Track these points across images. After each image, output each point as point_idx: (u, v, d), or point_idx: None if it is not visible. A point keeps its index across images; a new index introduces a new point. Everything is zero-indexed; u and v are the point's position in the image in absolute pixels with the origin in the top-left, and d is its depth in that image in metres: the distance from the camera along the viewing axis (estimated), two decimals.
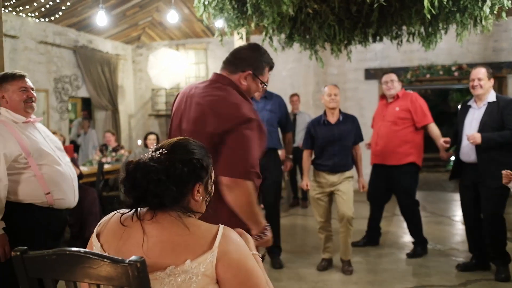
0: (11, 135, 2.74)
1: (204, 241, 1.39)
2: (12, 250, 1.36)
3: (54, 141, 3.02)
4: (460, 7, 3.92)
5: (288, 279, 4.44)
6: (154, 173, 1.40)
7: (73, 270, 1.30)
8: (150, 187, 1.40)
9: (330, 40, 4.83)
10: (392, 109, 5.13)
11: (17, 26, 8.03)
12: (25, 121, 2.88)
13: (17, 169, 2.75)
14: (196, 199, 1.49)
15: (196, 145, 1.54)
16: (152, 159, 1.44)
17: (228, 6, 4.26)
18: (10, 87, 2.87)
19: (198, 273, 1.35)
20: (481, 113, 4.28)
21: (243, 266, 1.41)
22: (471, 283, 4.21)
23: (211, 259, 1.36)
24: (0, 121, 2.80)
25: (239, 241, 1.46)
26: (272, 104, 4.89)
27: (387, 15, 4.48)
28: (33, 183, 2.78)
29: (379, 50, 9.34)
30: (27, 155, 2.74)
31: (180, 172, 1.43)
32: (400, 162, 5.05)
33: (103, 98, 9.90)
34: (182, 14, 9.33)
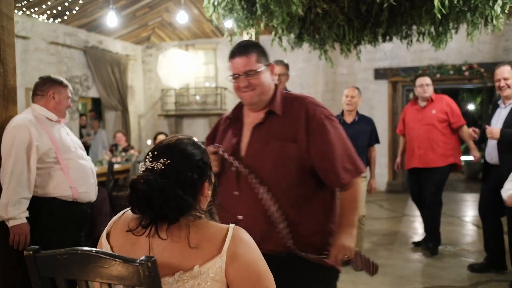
0: (44, 131, 2.91)
1: (213, 245, 1.36)
2: (25, 249, 1.37)
3: (75, 140, 3.19)
4: (470, 7, 3.90)
5: None
6: (169, 189, 1.36)
7: (84, 270, 1.30)
8: (170, 204, 1.35)
9: (339, 40, 4.82)
10: (429, 113, 5.11)
11: (28, 27, 8.09)
12: (57, 120, 3.06)
13: (46, 163, 2.88)
14: (206, 195, 1.48)
15: (190, 143, 1.49)
16: (160, 174, 1.38)
17: (238, 6, 4.27)
18: (63, 92, 3.11)
19: (207, 279, 1.33)
20: (506, 112, 4.15)
21: (254, 269, 1.38)
22: (482, 284, 4.18)
23: (220, 263, 1.33)
24: (34, 117, 2.95)
25: (250, 242, 1.41)
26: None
27: (397, 14, 4.46)
28: (60, 177, 2.92)
29: (389, 50, 9.30)
30: (57, 150, 2.91)
31: (191, 179, 1.40)
32: (442, 164, 5.06)
33: (113, 99, 9.95)
34: (191, 15, 9.35)
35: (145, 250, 1.37)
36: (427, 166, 5.08)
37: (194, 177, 1.41)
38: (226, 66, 2.17)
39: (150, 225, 1.38)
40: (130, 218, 1.46)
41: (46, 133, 2.91)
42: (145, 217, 1.39)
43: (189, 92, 10.97)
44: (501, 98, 4.30)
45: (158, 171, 1.38)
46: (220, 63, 10.81)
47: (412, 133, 5.24)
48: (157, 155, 1.42)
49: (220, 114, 10.54)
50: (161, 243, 1.37)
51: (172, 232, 1.38)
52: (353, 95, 4.60)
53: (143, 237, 1.39)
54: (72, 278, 1.35)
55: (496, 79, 4.20)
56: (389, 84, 9.56)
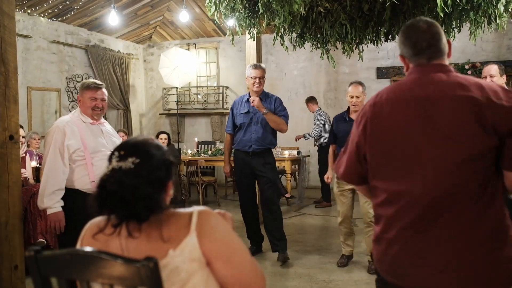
0: (77, 131, 3.30)
1: (181, 228, 1.39)
2: (26, 250, 1.37)
3: (113, 142, 3.46)
4: (474, 5, 3.88)
5: (298, 277, 4.43)
6: (141, 188, 1.38)
7: (86, 270, 1.30)
8: (142, 203, 1.37)
9: (341, 39, 4.80)
10: None
11: (29, 26, 8.09)
12: (91, 122, 3.42)
13: (74, 160, 3.26)
14: (169, 194, 1.50)
15: (155, 143, 1.49)
16: (130, 173, 1.39)
17: (240, 5, 4.26)
18: (85, 94, 3.41)
19: (184, 260, 1.36)
20: None
21: (226, 240, 1.43)
22: None
23: (192, 241, 1.37)
24: (71, 117, 3.39)
25: (217, 217, 1.46)
26: (268, 103, 4.90)
27: (399, 13, 4.44)
28: (83, 172, 3.27)
29: (391, 49, 9.29)
30: (85, 149, 3.27)
31: (160, 178, 1.43)
32: None
33: (114, 97, 9.95)
34: (193, 13, 9.35)
35: (118, 252, 1.39)
36: None
37: (162, 175, 1.44)
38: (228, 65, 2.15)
39: (120, 224, 1.39)
40: (98, 221, 1.48)
41: (79, 133, 3.29)
42: (115, 217, 1.40)
43: (190, 91, 10.97)
44: None
45: (127, 170, 1.39)
46: (222, 62, 10.80)
47: None
48: (124, 154, 1.42)
49: (222, 113, 10.58)
50: (134, 242, 1.39)
51: (143, 229, 1.40)
52: (358, 95, 4.45)
53: (113, 239, 1.41)
54: (73, 278, 1.35)
55: (483, 75, 4.23)
56: (391, 83, 9.54)
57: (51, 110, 8.68)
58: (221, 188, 9.23)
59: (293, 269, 4.70)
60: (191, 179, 8.08)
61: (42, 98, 8.44)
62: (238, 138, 5.00)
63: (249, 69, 4.93)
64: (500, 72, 4.18)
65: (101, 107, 3.43)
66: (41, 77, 8.39)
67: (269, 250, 5.10)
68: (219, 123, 10.70)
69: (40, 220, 4.57)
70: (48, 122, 8.51)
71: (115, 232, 1.39)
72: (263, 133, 4.89)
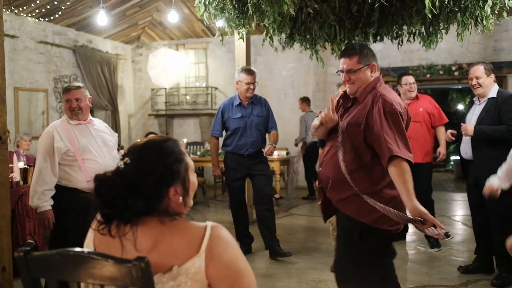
0: (65, 134, 3.48)
1: (190, 245, 1.34)
2: (15, 251, 1.36)
3: (104, 139, 3.67)
4: (461, 7, 3.92)
5: (288, 278, 4.44)
6: (118, 189, 1.34)
7: (76, 271, 1.29)
8: (117, 203, 1.33)
9: (330, 40, 4.81)
10: (416, 110, 5.18)
11: (16, 26, 8.02)
12: (77, 123, 3.59)
13: (67, 160, 3.46)
14: (175, 200, 1.40)
15: (160, 147, 1.43)
16: (117, 172, 1.37)
17: (229, 6, 4.25)
18: (63, 98, 3.64)
19: (187, 280, 1.32)
20: (480, 109, 4.24)
21: (234, 267, 1.37)
22: (472, 283, 4.21)
23: (199, 263, 1.32)
24: (61, 121, 3.60)
25: (228, 239, 1.39)
26: (260, 107, 5.07)
27: (387, 14, 4.47)
28: (78, 173, 3.47)
29: (379, 50, 9.32)
30: (75, 151, 3.46)
31: (145, 184, 1.35)
32: (423, 160, 5.15)
33: (102, 98, 9.89)
34: (182, 14, 9.32)
35: (117, 252, 1.36)
36: (417, 161, 5.11)
37: (149, 181, 1.36)
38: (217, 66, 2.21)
39: (106, 222, 1.38)
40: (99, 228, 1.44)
41: (68, 136, 3.48)
42: (101, 214, 1.40)
43: (179, 92, 10.94)
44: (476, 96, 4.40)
45: (118, 170, 1.38)
46: (211, 62, 10.79)
47: None
48: (125, 154, 1.42)
49: (211, 114, 10.55)
50: (138, 247, 1.35)
51: (146, 234, 1.36)
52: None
53: (116, 244, 1.37)
54: (63, 279, 1.34)
55: (469, 77, 4.29)
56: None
57: (38, 111, 8.60)
58: (210, 188, 9.21)
59: (283, 269, 4.70)
60: None
61: (29, 98, 8.37)
62: (232, 143, 5.06)
63: (241, 73, 4.98)
64: (486, 73, 4.19)
65: (77, 106, 3.57)
66: (29, 78, 8.32)
67: (258, 251, 5.10)
68: (208, 123, 10.68)
69: (29, 221, 4.54)
70: (36, 123, 8.44)
71: (104, 230, 1.37)
72: (257, 136, 5.05)
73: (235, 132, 5.04)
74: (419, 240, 5.62)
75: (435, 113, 5.27)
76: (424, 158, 5.18)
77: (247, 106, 5.06)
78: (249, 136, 5.00)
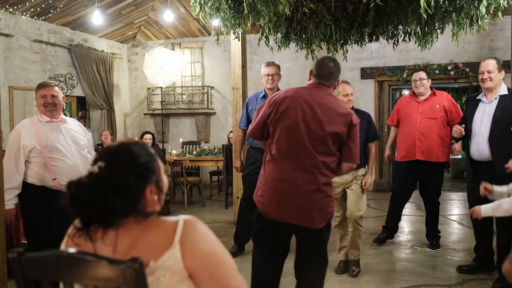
0: (33, 131, 3.48)
1: (164, 238, 1.36)
2: (9, 252, 1.35)
3: (74, 138, 3.68)
4: (456, 7, 3.92)
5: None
6: (97, 192, 1.35)
7: (70, 272, 1.29)
8: (98, 206, 1.34)
9: (326, 40, 4.81)
10: (433, 106, 5.15)
11: (11, 25, 7.99)
12: (49, 120, 3.59)
13: (33, 158, 3.47)
14: (150, 199, 1.43)
15: (138, 147, 1.46)
16: (92, 177, 1.38)
17: (225, 5, 4.25)
18: (37, 94, 3.65)
19: (165, 273, 1.33)
20: (492, 107, 4.09)
21: (211, 254, 1.38)
22: (468, 282, 4.22)
23: (175, 254, 1.34)
24: (30, 119, 3.59)
25: (204, 229, 1.41)
26: None
27: (383, 14, 4.47)
28: (43, 170, 3.47)
29: (375, 49, 9.36)
30: (41, 148, 3.46)
31: (126, 183, 1.38)
32: (443, 159, 5.12)
33: (98, 97, 9.87)
34: (178, 13, 9.31)
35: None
36: (431, 159, 5.09)
37: (128, 181, 1.38)
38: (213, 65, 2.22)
39: (84, 228, 1.38)
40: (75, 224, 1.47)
41: (35, 134, 3.47)
42: (79, 221, 1.40)
43: (175, 91, 10.92)
44: (481, 93, 4.27)
45: (93, 174, 1.39)
46: (207, 62, 10.78)
47: (412, 125, 5.20)
48: (97, 159, 1.42)
49: (207, 113, 10.55)
50: (113, 248, 1.38)
51: (121, 235, 1.38)
52: (352, 92, 4.50)
53: (88, 243, 1.38)
54: (57, 280, 1.34)
55: (480, 71, 4.18)
56: (376, 84, 9.61)
57: (33, 110, 8.56)
58: (206, 188, 9.21)
59: None
60: (175, 179, 8.05)
61: (24, 98, 8.34)
62: None
63: (262, 66, 5.16)
64: (498, 68, 4.10)
65: (52, 103, 3.60)
66: (23, 77, 8.29)
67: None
68: (204, 123, 10.67)
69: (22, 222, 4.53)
70: None
71: (81, 236, 1.38)
72: None
73: None
74: (414, 240, 5.64)
75: (452, 111, 5.13)
76: (438, 157, 5.10)
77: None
78: None
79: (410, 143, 5.17)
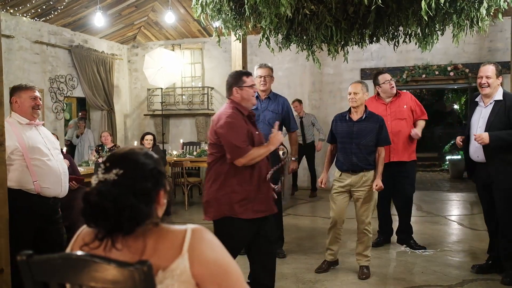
0: (13, 133, 3.40)
1: (173, 247, 1.37)
2: (18, 255, 1.36)
3: (52, 142, 3.68)
4: (456, 9, 3.94)
5: (285, 278, 4.45)
6: (123, 199, 1.35)
7: (79, 274, 1.30)
8: (125, 214, 1.35)
9: (327, 41, 4.82)
10: (400, 107, 5.22)
11: (12, 26, 8.00)
12: (28, 123, 3.55)
13: (13, 160, 3.38)
14: (162, 204, 1.46)
15: (143, 153, 1.48)
16: (113, 184, 1.38)
17: (226, 7, 4.26)
18: (23, 95, 3.57)
19: (173, 283, 1.34)
20: (488, 111, 4.18)
21: (219, 263, 1.38)
22: (468, 283, 4.24)
23: (183, 264, 1.35)
24: (8, 122, 3.41)
25: (211, 238, 1.42)
26: (276, 104, 5.10)
27: (384, 16, 4.48)
28: (24, 172, 3.41)
29: (375, 50, 9.37)
30: (23, 150, 3.40)
31: (146, 188, 1.40)
32: (410, 158, 5.22)
33: (98, 98, 9.88)
34: (178, 14, 9.32)
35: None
36: (403, 160, 5.18)
37: (148, 186, 1.41)
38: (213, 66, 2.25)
39: (105, 237, 1.37)
40: (85, 232, 1.47)
41: (16, 135, 3.41)
42: (100, 230, 1.38)
43: (175, 91, 10.93)
44: (479, 96, 4.32)
45: (111, 182, 1.38)
46: (207, 62, 10.79)
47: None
48: (109, 166, 1.41)
49: (207, 114, 10.56)
50: (119, 256, 1.37)
51: (128, 243, 1.38)
52: (356, 91, 4.43)
53: (99, 252, 1.38)
54: (66, 282, 1.35)
55: (479, 76, 4.24)
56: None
57: None
58: None
59: (279, 269, 4.71)
60: (176, 180, 8.06)
61: None
62: None
63: (255, 68, 5.18)
64: (496, 73, 4.16)
65: (40, 106, 3.64)
66: (24, 78, 8.29)
67: None
68: (204, 123, 10.68)
69: None
70: None
71: (101, 246, 1.37)
72: (268, 131, 5.01)
73: None
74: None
75: (417, 110, 5.30)
76: (410, 156, 5.22)
77: (264, 100, 5.11)
78: (261, 130, 5.02)
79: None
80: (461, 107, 14.45)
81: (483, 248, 5.28)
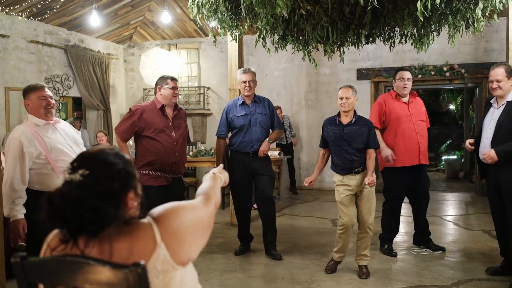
0: (33, 137, 3.36)
1: (147, 241, 1.37)
2: (12, 256, 1.36)
3: (72, 137, 3.63)
4: (452, 10, 3.95)
5: (281, 279, 4.45)
6: (85, 201, 1.31)
7: (73, 276, 1.29)
8: (86, 217, 1.31)
9: (323, 41, 4.82)
10: (420, 109, 5.23)
11: (7, 25, 7.97)
12: (46, 124, 3.50)
13: (39, 164, 3.36)
14: (131, 206, 1.42)
15: (112, 153, 1.44)
16: (78, 185, 1.34)
17: (222, 7, 4.26)
18: (33, 96, 3.50)
19: (158, 275, 1.35)
20: (499, 112, 4.18)
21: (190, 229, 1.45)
22: (463, 283, 4.25)
23: (162, 253, 1.36)
24: (26, 125, 3.44)
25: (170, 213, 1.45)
26: (262, 106, 5.20)
27: (380, 16, 4.48)
28: (52, 176, 3.36)
29: (371, 50, 9.39)
30: (46, 153, 3.37)
31: (112, 189, 1.36)
32: (426, 161, 5.22)
33: (94, 98, 9.85)
34: (174, 14, 9.31)
35: None
36: (423, 163, 5.17)
37: (115, 187, 1.37)
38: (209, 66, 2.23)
39: (69, 240, 1.35)
40: (53, 236, 1.44)
41: (36, 139, 3.36)
42: (65, 233, 1.36)
43: None
44: (494, 97, 4.34)
45: (76, 183, 1.35)
46: (203, 62, 10.78)
47: (410, 127, 5.10)
48: (76, 166, 1.38)
49: (203, 114, 10.55)
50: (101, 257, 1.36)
51: (96, 245, 1.36)
52: (348, 96, 4.45)
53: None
54: (60, 284, 1.34)
55: (490, 80, 4.26)
56: (372, 84, 9.64)
57: None
58: None
59: (275, 270, 4.72)
60: None
61: (20, 98, 8.24)
62: (237, 141, 5.16)
63: (239, 73, 5.17)
64: (507, 75, 4.15)
65: (52, 105, 3.55)
66: (19, 78, 8.27)
67: (252, 251, 5.11)
68: (200, 124, 10.67)
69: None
70: None
71: (67, 248, 1.35)
72: (262, 133, 5.16)
73: (240, 130, 5.15)
74: (411, 241, 5.65)
75: (426, 112, 5.36)
76: (427, 159, 5.22)
77: (251, 104, 5.16)
78: (254, 133, 5.11)
79: (414, 147, 5.07)
80: (457, 107, 14.46)
81: (478, 248, 5.31)
